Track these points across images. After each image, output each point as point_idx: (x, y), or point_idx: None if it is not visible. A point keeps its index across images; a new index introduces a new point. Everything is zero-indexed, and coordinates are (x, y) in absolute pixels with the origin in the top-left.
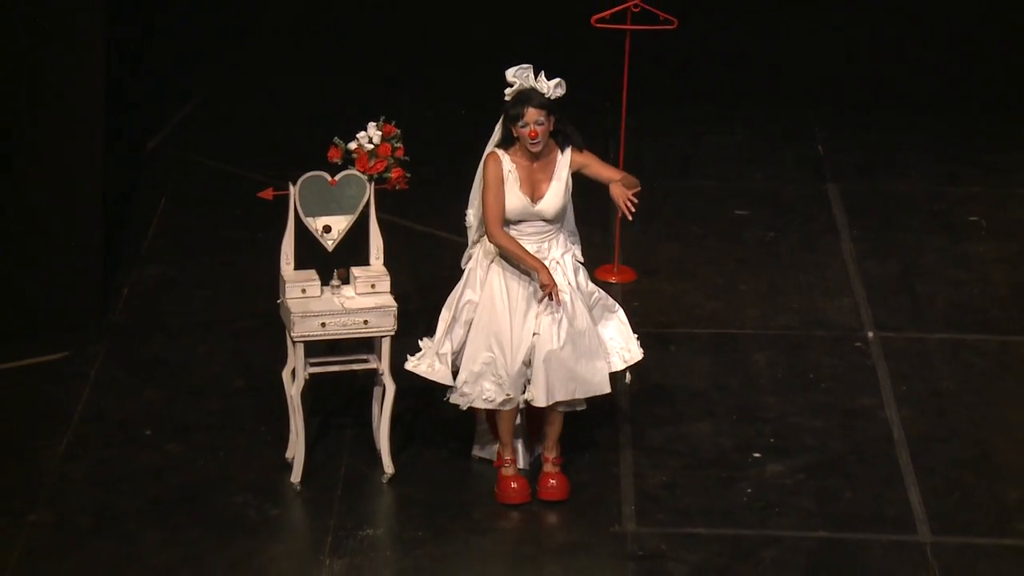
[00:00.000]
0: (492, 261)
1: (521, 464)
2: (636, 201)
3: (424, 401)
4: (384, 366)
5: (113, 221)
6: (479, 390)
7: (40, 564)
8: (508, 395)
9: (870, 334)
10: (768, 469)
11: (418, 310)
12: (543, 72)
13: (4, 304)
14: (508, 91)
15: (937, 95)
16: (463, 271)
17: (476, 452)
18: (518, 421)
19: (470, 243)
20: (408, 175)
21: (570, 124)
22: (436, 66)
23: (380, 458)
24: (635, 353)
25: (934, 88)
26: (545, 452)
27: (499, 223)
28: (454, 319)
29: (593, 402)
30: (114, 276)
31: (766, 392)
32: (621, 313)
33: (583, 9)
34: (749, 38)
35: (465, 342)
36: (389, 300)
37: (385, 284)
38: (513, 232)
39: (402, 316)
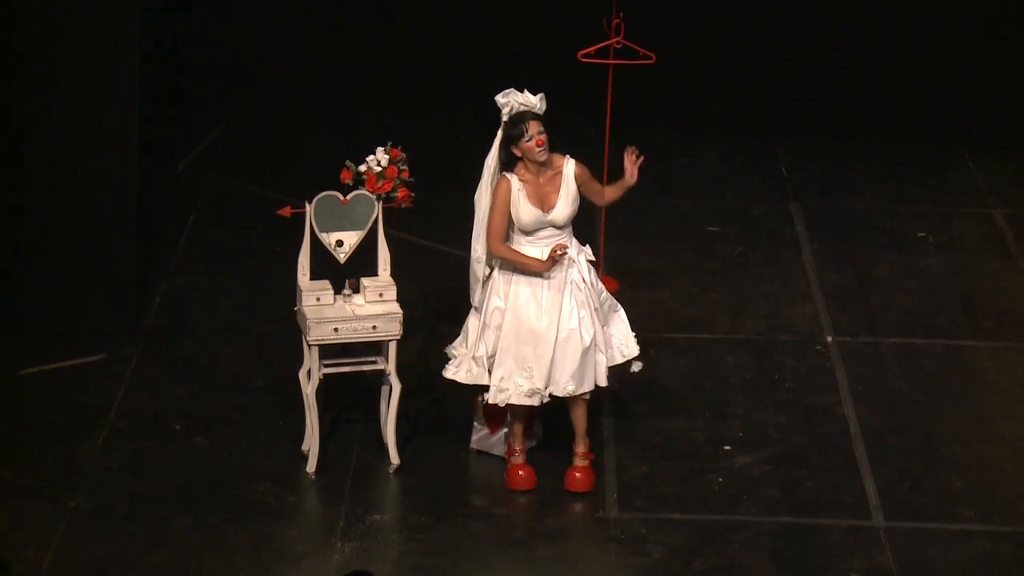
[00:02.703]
0: (514, 270)
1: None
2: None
3: (427, 399)
4: (391, 367)
5: (147, 236)
6: (514, 386)
7: (79, 546)
8: (537, 388)
9: (829, 338)
10: (737, 460)
11: (422, 316)
12: (525, 89)
13: (48, 311)
14: (503, 115)
15: (888, 124)
16: (474, 302)
17: (473, 445)
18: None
19: (480, 277)
20: (413, 194)
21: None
22: (439, 97)
23: (387, 450)
24: (632, 349)
25: (885, 118)
26: (575, 446)
27: (500, 239)
28: (484, 325)
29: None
30: (147, 285)
31: (736, 391)
32: (622, 312)
33: (571, 45)
34: (720, 72)
35: (496, 345)
36: (395, 307)
37: (392, 293)
38: (529, 241)
39: (407, 322)
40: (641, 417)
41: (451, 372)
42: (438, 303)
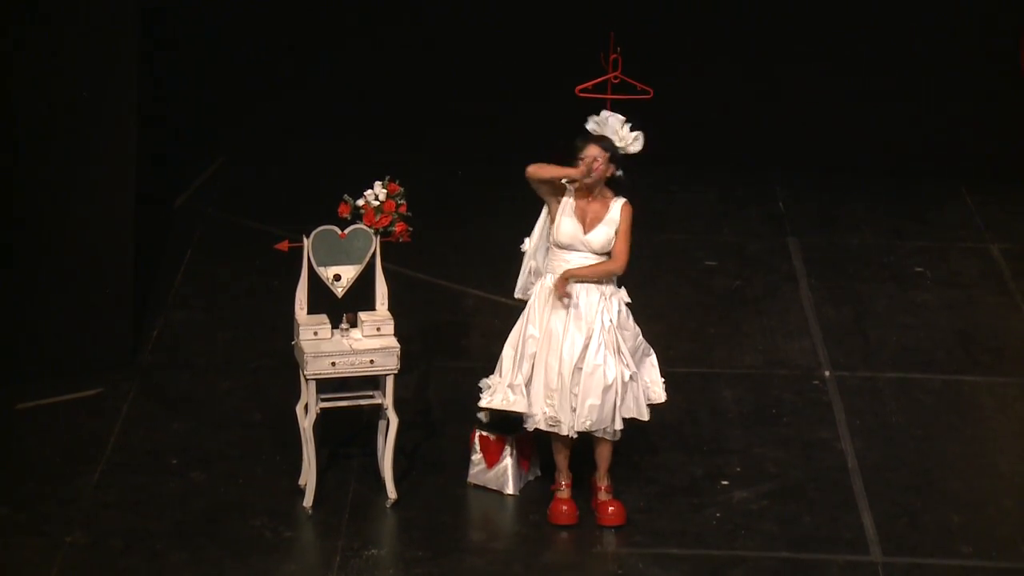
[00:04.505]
0: (550, 297)
1: (511, 489)
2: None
3: (424, 433)
4: (388, 401)
5: (144, 271)
6: (540, 413)
7: None
8: (559, 418)
9: (827, 373)
10: (735, 495)
11: (419, 351)
12: (628, 125)
13: (46, 346)
14: (588, 125)
15: (885, 160)
16: (522, 301)
17: (471, 480)
18: (513, 452)
19: (521, 270)
20: (410, 229)
21: (630, 180)
22: (435, 131)
23: (384, 485)
24: (659, 395)
25: (883, 153)
26: (597, 481)
27: (545, 166)
28: (520, 354)
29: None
30: (145, 320)
31: (733, 425)
32: (654, 357)
33: (568, 80)
34: (718, 107)
35: (532, 374)
36: (393, 342)
37: (389, 327)
38: (563, 262)
39: (404, 356)
40: (639, 451)
41: (485, 400)
42: (435, 337)
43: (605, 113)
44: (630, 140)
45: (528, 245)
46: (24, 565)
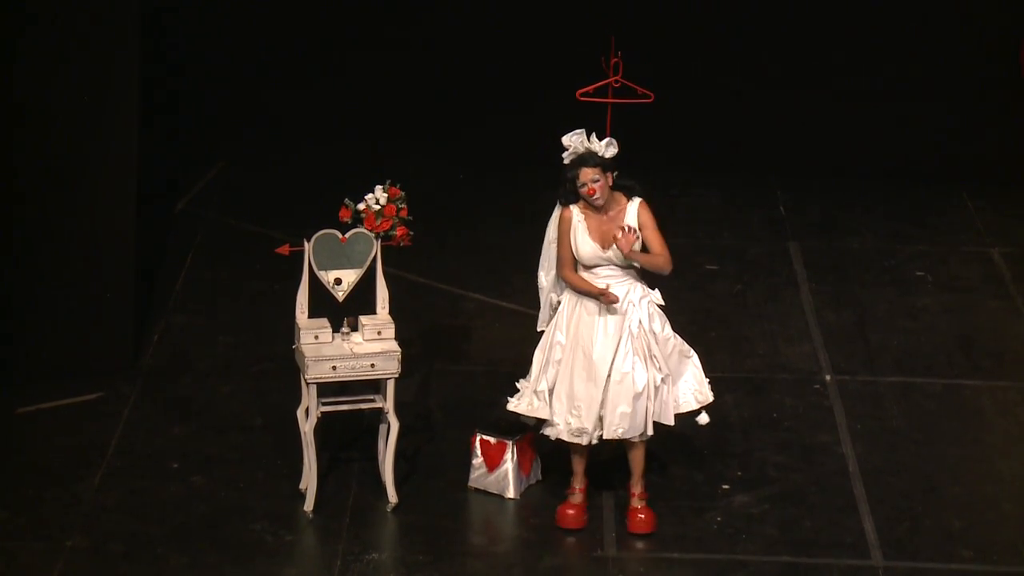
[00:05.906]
0: (578, 304)
1: (512, 493)
2: (623, 242)
3: (425, 437)
4: (389, 405)
5: (145, 275)
6: (563, 423)
7: None
8: (584, 428)
9: (828, 377)
10: (736, 500)
11: (420, 355)
12: (594, 134)
13: (46, 350)
14: (565, 155)
15: (886, 164)
16: (541, 332)
17: (471, 484)
18: (514, 456)
19: (542, 304)
20: (411, 233)
21: (632, 179)
22: (436, 135)
23: (385, 489)
24: (707, 395)
25: (884, 158)
26: (632, 487)
27: (569, 267)
28: (547, 360)
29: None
30: (146, 324)
31: (734, 430)
32: (695, 358)
33: (569, 84)
34: (719, 111)
35: (556, 381)
36: (394, 346)
37: (390, 331)
38: (590, 275)
39: (405, 360)
40: None
41: (513, 404)
42: (436, 341)
43: (566, 138)
44: (603, 147)
45: (543, 279)
46: (25, 569)
